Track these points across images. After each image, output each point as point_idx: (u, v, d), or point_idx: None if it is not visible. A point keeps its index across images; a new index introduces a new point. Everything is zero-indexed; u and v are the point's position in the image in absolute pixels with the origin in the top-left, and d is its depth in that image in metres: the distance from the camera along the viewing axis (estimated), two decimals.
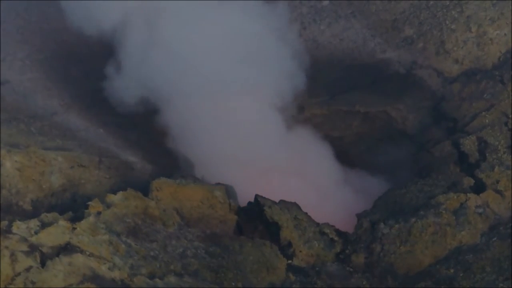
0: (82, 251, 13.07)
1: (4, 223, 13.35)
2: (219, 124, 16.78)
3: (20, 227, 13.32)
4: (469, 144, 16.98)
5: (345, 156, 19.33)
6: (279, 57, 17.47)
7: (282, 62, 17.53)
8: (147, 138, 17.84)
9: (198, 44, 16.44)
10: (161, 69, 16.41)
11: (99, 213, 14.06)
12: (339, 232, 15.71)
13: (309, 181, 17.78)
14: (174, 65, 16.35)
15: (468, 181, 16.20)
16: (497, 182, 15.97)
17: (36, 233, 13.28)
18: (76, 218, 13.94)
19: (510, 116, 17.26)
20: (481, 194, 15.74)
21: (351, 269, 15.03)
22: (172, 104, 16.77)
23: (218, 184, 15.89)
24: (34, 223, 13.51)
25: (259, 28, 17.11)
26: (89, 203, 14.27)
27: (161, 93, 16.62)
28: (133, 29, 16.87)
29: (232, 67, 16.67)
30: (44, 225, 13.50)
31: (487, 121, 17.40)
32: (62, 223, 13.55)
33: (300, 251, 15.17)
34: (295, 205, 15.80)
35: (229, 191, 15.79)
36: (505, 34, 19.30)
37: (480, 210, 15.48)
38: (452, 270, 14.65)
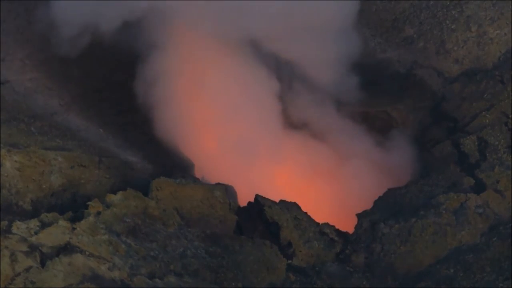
0: (82, 251, 13.09)
1: (4, 223, 13.37)
2: None
3: (20, 227, 13.33)
4: (469, 144, 16.99)
5: None
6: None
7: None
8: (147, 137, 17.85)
9: None
10: None
11: (99, 213, 14.07)
12: (339, 232, 15.72)
13: None
14: None
15: (468, 181, 16.21)
16: (497, 182, 15.99)
17: (36, 233, 13.29)
18: (76, 218, 13.94)
19: (510, 116, 17.27)
20: (481, 194, 15.75)
21: (351, 269, 15.04)
22: None
23: (218, 184, 15.90)
24: (34, 223, 13.53)
25: None
26: (89, 203, 14.28)
27: None
28: None
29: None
30: (44, 225, 13.52)
31: (487, 121, 17.41)
32: (62, 223, 13.57)
33: (300, 251, 15.18)
34: (295, 205, 15.81)
35: (229, 191, 15.79)
36: (505, 34, 19.30)
37: (480, 210, 15.50)
38: (452, 270, 14.66)
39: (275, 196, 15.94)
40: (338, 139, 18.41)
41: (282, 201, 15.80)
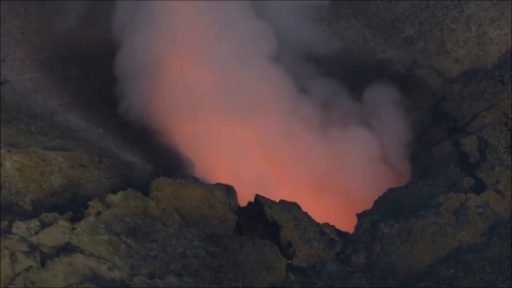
0: (82, 251, 13.09)
1: (4, 223, 13.37)
2: None
3: (20, 227, 13.34)
4: (469, 144, 17.00)
5: None
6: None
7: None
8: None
9: None
10: None
11: (99, 213, 14.07)
12: (339, 232, 15.73)
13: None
14: None
15: (468, 181, 16.21)
16: (497, 182, 16.00)
17: (36, 233, 13.30)
18: (76, 218, 13.95)
19: (510, 116, 17.28)
20: (481, 194, 15.76)
21: (351, 269, 15.04)
22: None
23: (218, 184, 15.90)
24: (34, 223, 13.53)
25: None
26: (89, 203, 14.29)
27: None
28: None
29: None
30: (44, 225, 13.52)
31: (487, 121, 17.41)
32: (62, 223, 13.58)
33: (300, 251, 15.18)
34: (295, 205, 15.81)
35: (229, 191, 15.79)
36: (505, 34, 19.31)
37: (480, 210, 15.50)
38: (452, 270, 14.66)
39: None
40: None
41: (282, 201, 15.81)
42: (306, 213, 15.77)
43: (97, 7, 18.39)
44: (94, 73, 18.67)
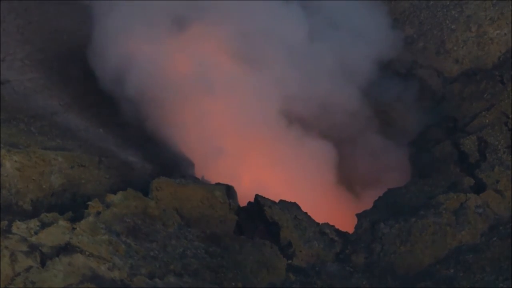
0: (82, 251, 13.09)
1: (4, 223, 13.37)
2: None
3: (20, 227, 13.34)
4: (469, 144, 16.99)
5: None
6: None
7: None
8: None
9: None
10: None
11: (99, 213, 14.08)
12: (339, 232, 15.73)
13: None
14: None
15: (468, 181, 16.21)
16: (497, 182, 15.99)
17: (36, 233, 13.30)
18: (76, 218, 13.95)
19: (510, 116, 17.27)
20: (481, 194, 15.76)
21: (351, 269, 15.04)
22: None
23: (218, 184, 15.91)
24: (34, 223, 13.54)
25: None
26: (89, 203, 14.29)
27: None
28: None
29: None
30: (44, 225, 13.52)
31: (487, 121, 17.41)
32: (62, 223, 13.58)
33: (300, 251, 15.18)
34: (295, 205, 15.82)
35: (229, 191, 15.80)
36: (505, 34, 19.31)
37: (480, 210, 15.50)
38: (452, 270, 14.66)
39: None
40: None
41: (282, 201, 15.82)
42: (306, 213, 15.79)
43: None
44: (94, 73, 18.66)
